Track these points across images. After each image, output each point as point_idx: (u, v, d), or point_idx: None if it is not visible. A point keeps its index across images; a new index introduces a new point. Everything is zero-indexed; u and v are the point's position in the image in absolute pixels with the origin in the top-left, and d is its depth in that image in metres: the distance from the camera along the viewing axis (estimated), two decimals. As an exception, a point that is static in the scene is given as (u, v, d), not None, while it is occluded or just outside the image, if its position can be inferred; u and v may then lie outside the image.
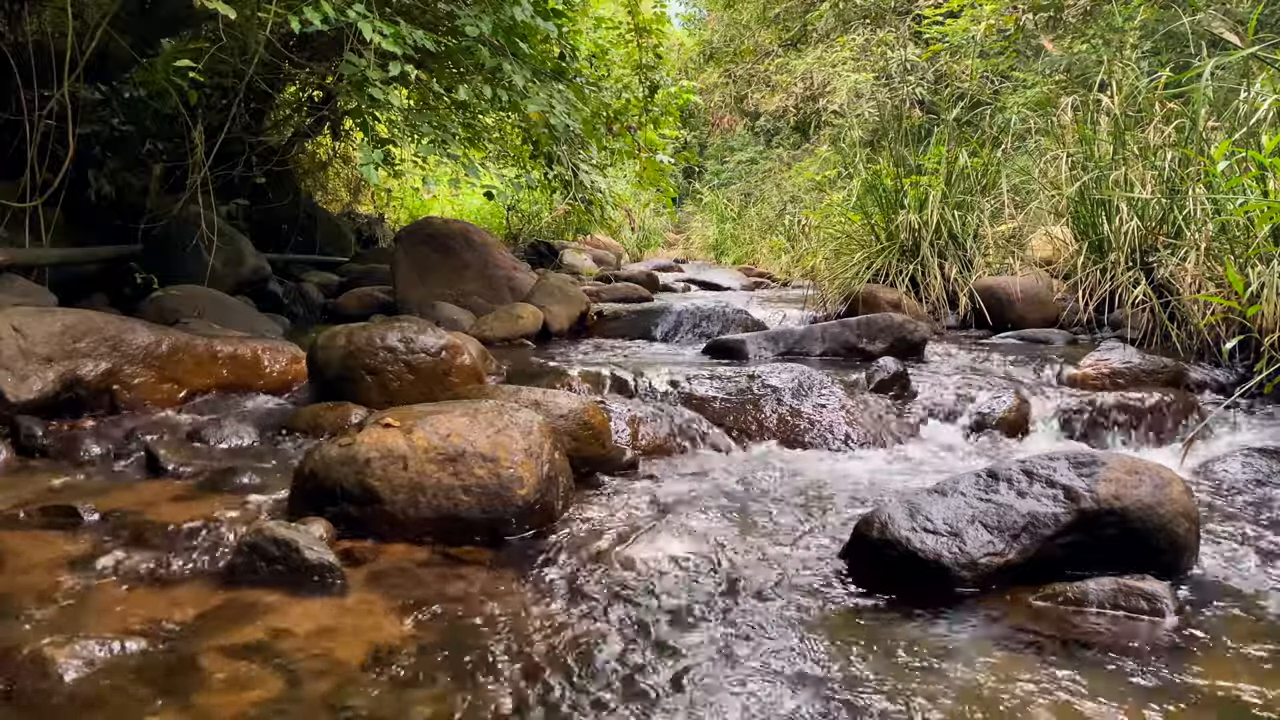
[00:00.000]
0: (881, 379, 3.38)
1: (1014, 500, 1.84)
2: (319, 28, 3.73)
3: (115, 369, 2.94)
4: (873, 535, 1.82)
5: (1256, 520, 2.21)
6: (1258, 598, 1.77)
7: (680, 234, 19.37)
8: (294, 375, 3.40)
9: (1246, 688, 1.41)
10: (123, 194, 5.54)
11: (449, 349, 3.11)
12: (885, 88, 9.95)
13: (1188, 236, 4.16)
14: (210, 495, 2.24)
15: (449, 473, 2.02)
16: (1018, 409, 3.18)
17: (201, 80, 4.21)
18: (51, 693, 1.33)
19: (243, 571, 1.73)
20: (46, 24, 4.67)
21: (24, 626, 1.51)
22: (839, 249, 6.37)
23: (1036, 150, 6.28)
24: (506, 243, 10.07)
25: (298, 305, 6.17)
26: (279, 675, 1.39)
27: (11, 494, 2.21)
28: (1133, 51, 6.36)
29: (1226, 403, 3.14)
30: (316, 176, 9.87)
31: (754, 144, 18.02)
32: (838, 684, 1.41)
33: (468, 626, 1.58)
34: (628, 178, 10.30)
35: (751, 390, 3.17)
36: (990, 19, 7.73)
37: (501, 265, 6.08)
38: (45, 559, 1.80)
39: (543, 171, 6.96)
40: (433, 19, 4.67)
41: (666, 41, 7.68)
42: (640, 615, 1.64)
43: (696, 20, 20.78)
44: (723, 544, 1.99)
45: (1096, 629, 1.61)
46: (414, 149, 7.39)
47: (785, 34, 15.49)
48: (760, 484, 2.48)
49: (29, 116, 4.16)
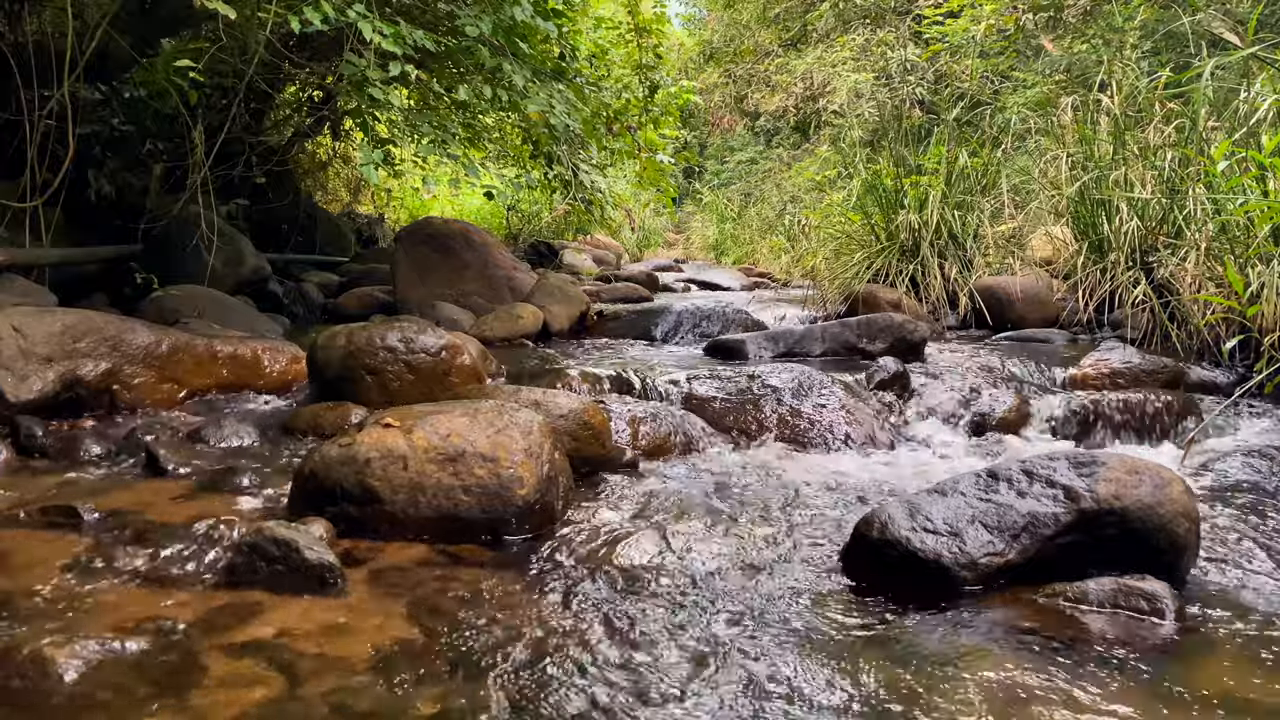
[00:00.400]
0: (881, 379, 3.39)
1: (1014, 500, 1.84)
2: (319, 28, 3.73)
3: (115, 369, 2.94)
4: (873, 535, 1.82)
5: (1256, 520, 2.21)
6: (1258, 598, 1.77)
7: (680, 234, 19.37)
8: (294, 375, 3.41)
9: (1246, 688, 1.41)
10: (123, 194, 5.55)
11: (449, 349, 3.11)
12: (885, 88, 9.94)
13: (1188, 236, 4.16)
14: (210, 495, 2.24)
15: (449, 473, 2.02)
16: (1018, 409, 3.18)
17: (201, 80, 4.22)
18: (51, 693, 1.33)
19: (243, 571, 1.73)
20: (46, 24, 4.67)
21: (24, 626, 1.51)
22: (839, 249, 6.37)
23: (1036, 150, 6.28)
24: (506, 243, 10.07)
25: (298, 305, 6.17)
26: (279, 675, 1.39)
27: (11, 494, 2.21)
28: (1133, 51, 6.36)
29: (1226, 403, 3.14)
30: (316, 176, 9.87)
31: (754, 144, 18.02)
32: (838, 684, 1.41)
33: (468, 626, 1.58)
34: (628, 178, 10.30)
35: (751, 390, 3.17)
36: (990, 19, 7.73)
37: (501, 265, 6.08)
38: (45, 559, 1.80)
39: (543, 171, 6.96)
40: (433, 19, 4.67)
41: (666, 41, 7.68)
42: (640, 616, 1.64)
43: (696, 20, 20.78)
44: (723, 544, 1.99)
45: (1096, 629, 1.61)
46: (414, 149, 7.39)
47: (785, 34, 15.48)
48: (760, 484, 2.49)
49: (29, 116, 4.16)
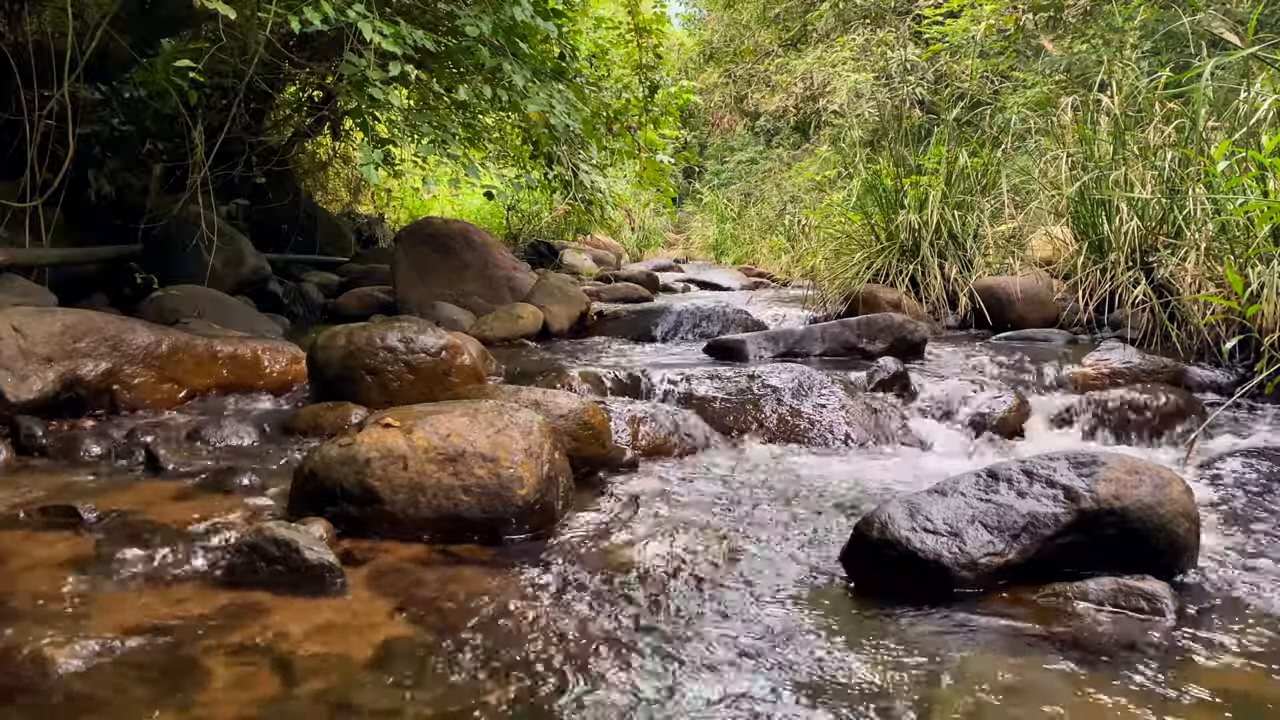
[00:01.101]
0: (881, 379, 3.39)
1: (1014, 500, 1.84)
2: (319, 28, 3.73)
3: (115, 369, 2.94)
4: (873, 535, 1.82)
5: (1256, 520, 2.21)
6: (1257, 598, 1.77)
7: (680, 234, 19.37)
8: (294, 375, 3.41)
9: (1246, 688, 1.41)
10: (123, 194, 5.55)
11: (449, 349, 3.11)
12: (885, 88, 9.94)
13: (1188, 236, 4.15)
14: (210, 495, 2.24)
15: (449, 473, 2.02)
16: (1017, 409, 3.18)
17: (201, 80, 4.22)
18: (51, 693, 1.33)
19: (243, 571, 1.74)
20: (46, 24, 4.67)
21: (24, 626, 1.51)
22: (839, 249, 6.38)
23: (1036, 150, 6.28)
24: (506, 243, 10.07)
25: (298, 305, 6.17)
26: (279, 675, 1.39)
27: (11, 494, 2.21)
28: (1133, 51, 6.36)
29: (1227, 403, 3.14)
30: (316, 176, 9.87)
31: (754, 144, 18.02)
32: (838, 684, 1.41)
33: (468, 626, 1.58)
34: (628, 178, 10.30)
35: (751, 390, 3.17)
36: (990, 19, 7.73)
37: (501, 265, 6.08)
38: (45, 559, 1.80)
39: (543, 171, 6.97)
40: (433, 19, 4.67)
41: (666, 41, 7.68)
42: (640, 615, 1.64)
43: (696, 20, 20.78)
44: (723, 544, 1.99)
45: (1096, 629, 1.61)
46: (414, 149, 7.39)
47: (785, 34, 15.48)
48: (760, 484, 2.49)
49: (29, 116, 4.16)
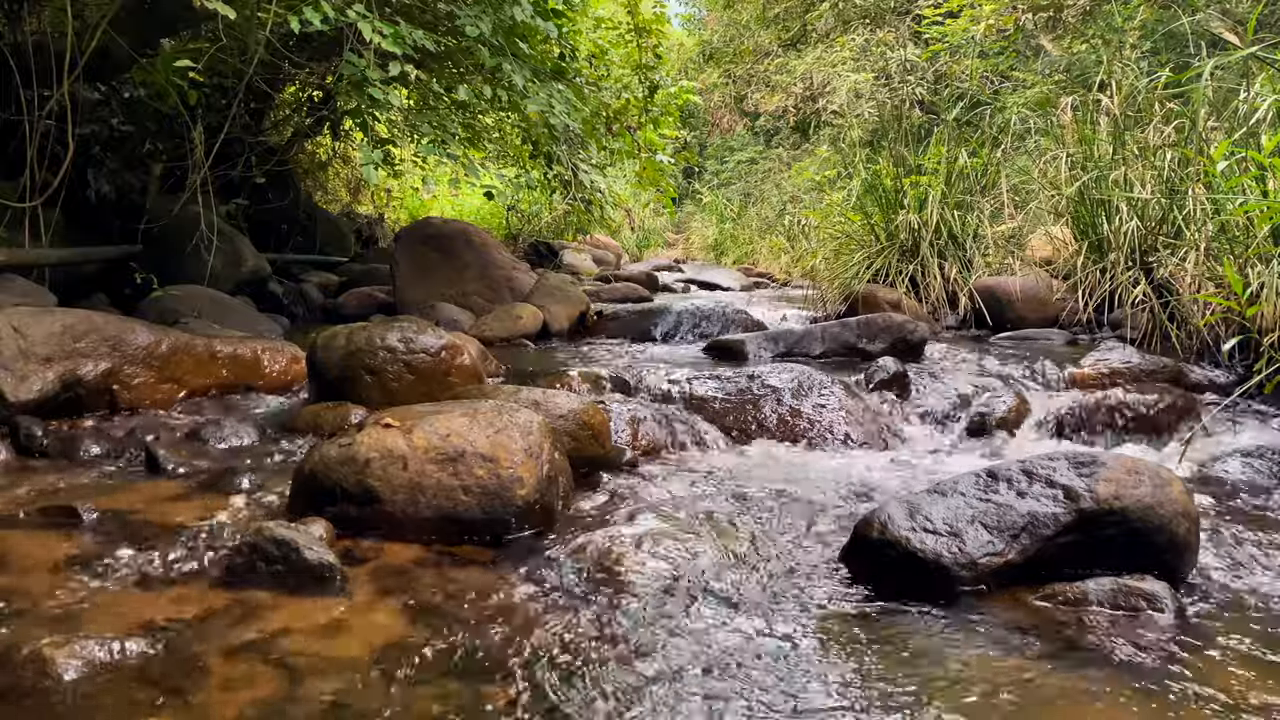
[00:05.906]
0: (881, 379, 3.39)
1: (1014, 500, 1.84)
2: (319, 28, 3.73)
3: (115, 369, 2.94)
4: (873, 535, 1.82)
5: (1256, 520, 2.21)
6: (1257, 597, 1.77)
7: (680, 234, 19.38)
8: (294, 375, 3.41)
9: (1246, 688, 1.41)
10: (123, 194, 5.55)
11: (449, 349, 3.11)
12: (885, 88, 9.95)
13: (1188, 236, 4.15)
14: (210, 495, 2.24)
15: (449, 473, 2.02)
16: (1017, 409, 3.18)
17: (201, 80, 4.22)
18: (51, 693, 1.33)
19: (243, 571, 1.73)
20: (46, 24, 4.66)
21: (24, 626, 1.51)
22: (839, 249, 6.38)
23: (1036, 150, 6.28)
24: (506, 243, 10.08)
25: (297, 305, 6.17)
26: (279, 675, 1.39)
27: (11, 494, 2.21)
28: (1132, 51, 6.36)
29: (1226, 403, 3.14)
30: (316, 176, 9.87)
31: (754, 144, 18.03)
32: (838, 684, 1.41)
33: (467, 626, 1.58)
34: (628, 178, 10.30)
35: (751, 390, 3.17)
36: (990, 19, 7.73)
37: (501, 265, 6.08)
38: (45, 559, 1.80)
39: (543, 171, 6.96)
40: (433, 19, 4.67)
41: (666, 41, 7.68)
42: (640, 615, 1.64)
43: (696, 20, 20.80)
44: (722, 544, 1.99)
45: (1096, 629, 1.61)
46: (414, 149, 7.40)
47: (785, 34, 15.49)
48: (760, 484, 2.48)
49: (29, 116, 4.16)
